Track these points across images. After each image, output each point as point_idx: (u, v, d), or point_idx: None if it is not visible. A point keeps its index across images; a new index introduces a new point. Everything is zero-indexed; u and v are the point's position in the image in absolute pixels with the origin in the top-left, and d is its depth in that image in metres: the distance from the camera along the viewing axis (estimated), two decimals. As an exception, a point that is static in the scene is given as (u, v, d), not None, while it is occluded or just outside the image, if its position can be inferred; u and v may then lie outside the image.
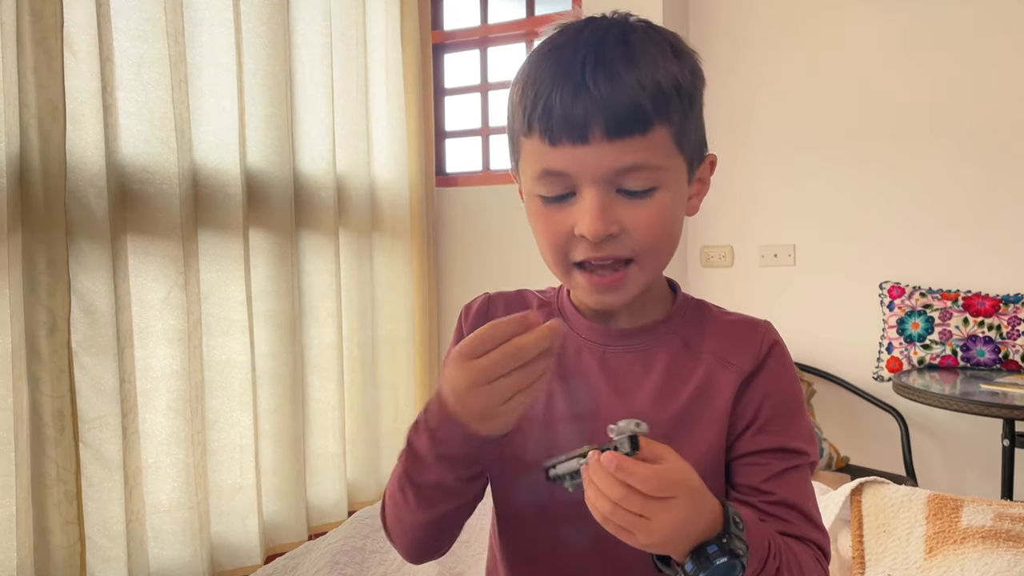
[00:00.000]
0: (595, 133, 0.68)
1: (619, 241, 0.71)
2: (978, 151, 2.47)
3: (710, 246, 2.88)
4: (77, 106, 1.69)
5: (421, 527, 0.77)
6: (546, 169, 0.72)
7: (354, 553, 1.33)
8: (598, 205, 0.70)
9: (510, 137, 0.79)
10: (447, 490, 0.73)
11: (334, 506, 2.44)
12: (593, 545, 0.78)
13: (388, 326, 2.76)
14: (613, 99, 0.68)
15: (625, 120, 0.68)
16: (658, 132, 0.70)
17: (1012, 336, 2.31)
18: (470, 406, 0.65)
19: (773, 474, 0.77)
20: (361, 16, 2.61)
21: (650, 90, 0.69)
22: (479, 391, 0.64)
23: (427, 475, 0.72)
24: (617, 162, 0.69)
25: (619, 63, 0.69)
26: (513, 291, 0.89)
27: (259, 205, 2.19)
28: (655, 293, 0.83)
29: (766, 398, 0.79)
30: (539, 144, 0.71)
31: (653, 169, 0.70)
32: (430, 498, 0.74)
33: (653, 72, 0.70)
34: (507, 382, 0.63)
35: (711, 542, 0.63)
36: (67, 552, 1.65)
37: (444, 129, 3.22)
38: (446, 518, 0.77)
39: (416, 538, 0.79)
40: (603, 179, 0.70)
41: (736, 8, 2.81)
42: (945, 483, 2.52)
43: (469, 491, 0.75)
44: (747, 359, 0.79)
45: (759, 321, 0.84)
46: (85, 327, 1.72)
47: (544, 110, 0.70)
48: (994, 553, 1.15)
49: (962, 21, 2.48)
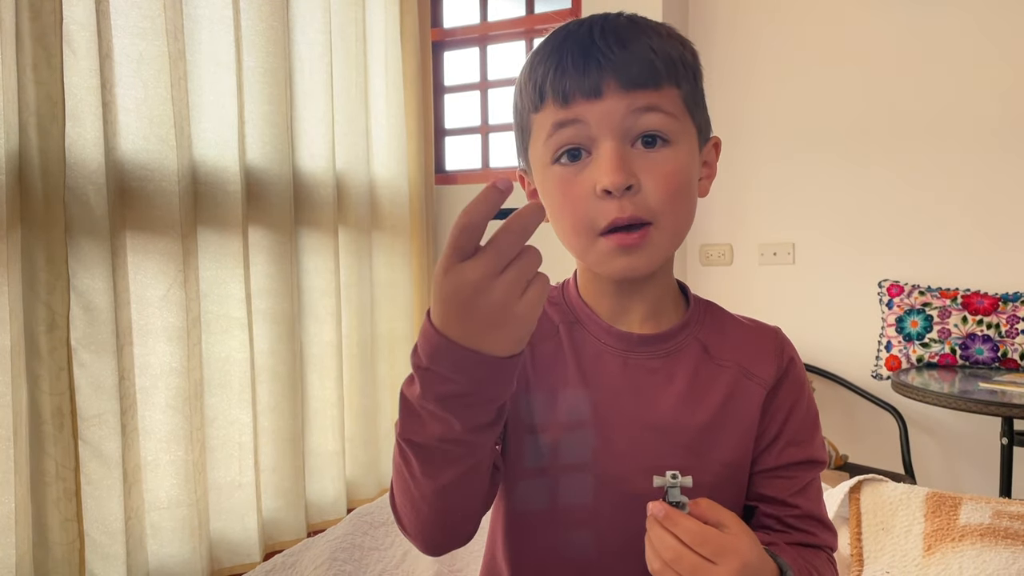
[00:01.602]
0: (609, 87, 0.69)
1: (639, 198, 0.70)
2: (977, 150, 2.48)
3: (709, 244, 2.88)
4: (76, 103, 1.69)
5: (431, 500, 0.67)
6: (557, 121, 0.72)
7: (353, 550, 1.33)
8: (616, 155, 0.70)
9: (519, 126, 0.79)
10: (455, 443, 0.63)
11: (333, 504, 2.44)
12: (601, 549, 0.77)
13: (387, 324, 2.76)
14: (625, 57, 0.69)
15: (638, 74, 0.70)
16: (669, 90, 0.72)
17: (1011, 334, 2.32)
18: (478, 316, 0.55)
19: (800, 488, 0.79)
20: (360, 13, 2.61)
21: (660, 54, 0.71)
22: (488, 291, 0.54)
23: (429, 428, 0.62)
24: (632, 105, 0.70)
25: (626, 31, 0.71)
26: None
27: (258, 203, 2.19)
28: (668, 294, 0.82)
29: (792, 411, 0.80)
30: (552, 109, 0.72)
31: (667, 115, 0.71)
32: (435, 459, 0.64)
33: (660, 42, 0.72)
34: (517, 268, 0.55)
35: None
36: (66, 549, 1.65)
37: (443, 127, 3.22)
38: (458, 486, 0.67)
39: (428, 518, 0.69)
40: (619, 128, 0.70)
41: (736, 8, 2.81)
42: (943, 481, 2.53)
43: (479, 446, 0.65)
44: (769, 370, 0.80)
45: (773, 329, 0.85)
46: (84, 324, 1.72)
47: (556, 75, 0.71)
48: (992, 551, 1.15)
49: (962, 21, 2.48)
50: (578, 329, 0.81)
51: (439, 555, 0.76)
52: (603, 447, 0.76)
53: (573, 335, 0.81)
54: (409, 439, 0.64)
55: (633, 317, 0.80)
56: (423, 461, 0.65)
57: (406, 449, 0.65)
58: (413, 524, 0.72)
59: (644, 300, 0.80)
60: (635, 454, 0.76)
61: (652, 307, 0.80)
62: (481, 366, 0.57)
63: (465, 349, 0.57)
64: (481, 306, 0.55)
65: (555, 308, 0.83)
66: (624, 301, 0.80)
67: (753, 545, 0.63)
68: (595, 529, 0.77)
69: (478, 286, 0.54)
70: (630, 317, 0.80)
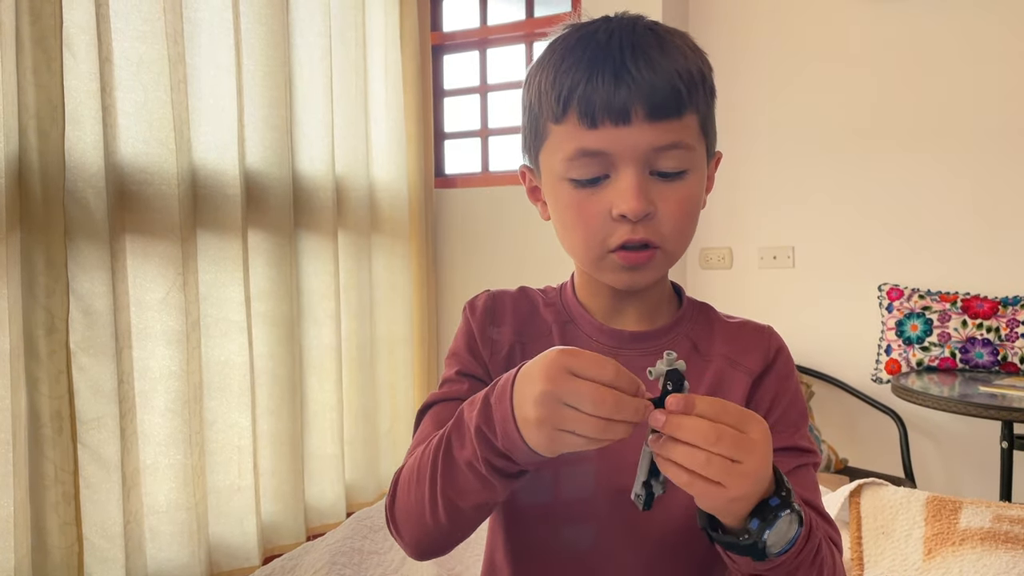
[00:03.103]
0: (637, 115, 0.70)
1: (652, 224, 0.72)
2: (977, 153, 2.48)
3: (709, 248, 2.88)
4: (76, 106, 1.69)
5: (445, 513, 0.69)
6: (583, 148, 0.72)
7: (352, 554, 1.33)
8: (637, 183, 0.71)
9: (532, 127, 0.79)
10: (477, 474, 0.66)
11: (332, 507, 2.44)
12: (600, 542, 0.78)
13: (387, 327, 2.76)
14: (654, 83, 0.70)
15: (663, 103, 0.70)
16: (690, 117, 0.73)
17: (1011, 338, 2.31)
18: (530, 406, 0.59)
19: (787, 471, 0.77)
20: (360, 17, 2.61)
21: (684, 77, 0.71)
22: (552, 406, 0.58)
23: (465, 449, 0.66)
24: (657, 141, 0.71)
25: (654, 51, 0.71)
26: (515, 289, 0.89)
27: (258, 206, 2.19)
28: (663, 296, 0.84)
29: (776, 399, 0.80)
30: (576, 127, 0.72)
31: (687, 150, 0.72)
32: (459, 480, 0.67)
33: (684, 61, 0.72)
34: (577, 417, 0.57)
35: (771, 496, 0.61)
36: (65, 553, 1.64)
37: (443, 130, 3.22)
38: (468, 514, 0.70)
39: (433, 527, 0.71)
40: (642, 158, 0.71)
41: (735, 11, 2.82)
42: (944, 485, 2.52)
43: (498, 488, 0.67)
44: (756, 361, 0.81)
45: (764, 326, 0.85)
46: (83, 327, 1.71)
47: (584, 93, 0.71)
48: (993, 555, 1.15)
49: (962, 24, 2.48)
50: (571, 328, 0.83)
51: (423, 559, 0.79)
52: (598, 462, 0.77)
53: (565, 334, 0.83)
54: (451, 450, 0.67)
55: (628, 317, 0.82)
56: (449, 476, 0.68)
57: (440, 458, 0.68)
58: (412, 531, 0.74)
59: (639, 302, 0.82)
60: (629, 447, 0.76)
61: (647, 308, 0.82)
62: (514, 438, 0.61)
63: (510, 415, 0.61)
64: (536, 404, 0.58)
65: (550, 309, 0.85)
66: (619, 303, 0.82)
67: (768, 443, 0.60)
68: (594, 523, 0.78)
69: (545, 391, 0.58)
70: (624, 317, 0.82)
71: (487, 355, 0.83)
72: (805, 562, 0.66)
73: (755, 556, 0.62)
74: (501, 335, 0.83)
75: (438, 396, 0.82)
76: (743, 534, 0.61)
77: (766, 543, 0.61)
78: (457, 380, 0.82)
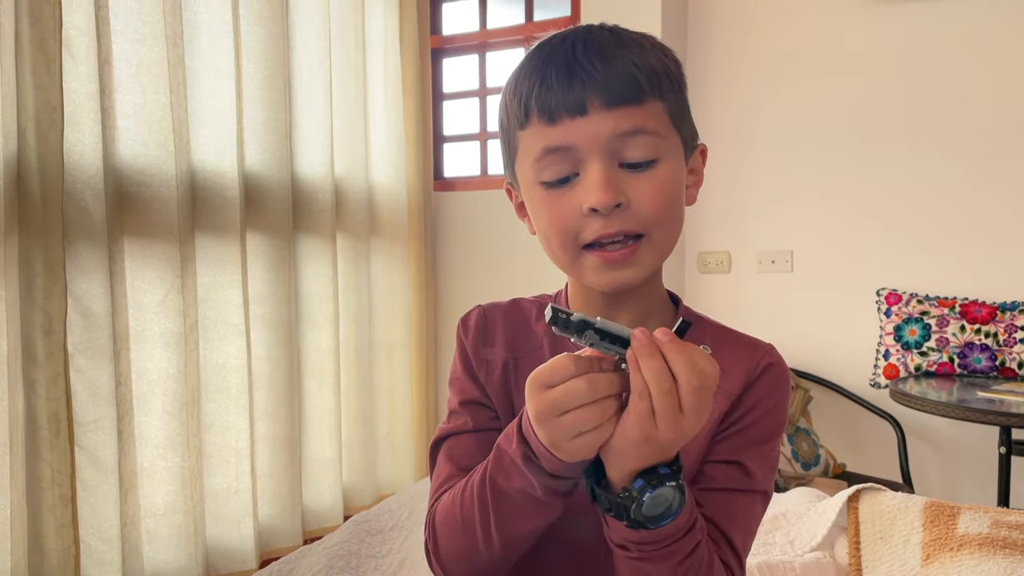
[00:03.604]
0: (593, 104, 0.69)
1: (627, 214, 0.71)
2: (976, 158, 2.48)
3: (707, 252, 2.88)
4: (75, 108, 1.69)
5: (501, 544, 0.72)
6: (547, 146, 0.72)
7: (350, 558, 1.33)
8: (603, 175, 0.70)
9: (505, 141, 0.79)
10: (533, 500, 0.69)
11: (330, 511, 2.44)
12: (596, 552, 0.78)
13: (385, 331, 2.76)
14: (608, 73, 0.70)
15: (621, 90, 0.70)
16: (653, 105, 0.72)
17: (1009, 343, 2.32)
18: (542, 434, 0.63)
19: (710, 488, 0.76)
20: (360, 20, 2.61)
21: (643, 67, 0.71)
22: (549, 422, 0.61)
23: (514, 480, 0.68)
24: (618, 127, 0.70)
25: (609, 46, 0.72)
26: (507, 301, 0.89)
27: (257, 209, 2.19)
28: (657, 301, 0.83)
29: (747, 412, 0.78)
30: (538, 127, 0.72)
31: (652, 135, 0.71)
32: (515, 510, 0.70)
33: (642, 54, 0.72)
34: (576, 416, 0.60)
35: (663, 464, 0.63)
36: (61, 556, 1.64)
37: (442, 133, 3.22)
38: (527, 537, 0.72)
39: (487, 560, 0.74)
40: (606, 149, 0.70)
41: (735, 15, 2.82)
42: (942, 490, 2.52)
43: (557, 506, 0.70)
44: (736, 382, 0.78)
45: (760, 343, 0.83)
46: (81, 330, 1.71)
47: (540, 92, 0.71)
48: (990, 560, 1.15)
49: (960, 30, 2.49)
50: (563, 340, 0.82)
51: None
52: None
53: (556, 346, 0.82)
54: (496, 485, 0.70)
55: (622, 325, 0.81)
56: (501, 509, 0.70)
57: (487, 497, 0.71)
58: (466, 571, 0.76)
59: (632, 311, 0.80)
60: None
61: (640, 316, 0.80)
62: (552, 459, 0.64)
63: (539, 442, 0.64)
64: (542, 430, 0.62)
65: (543, 321, 0.84)
66: (612, 312, 0.80)
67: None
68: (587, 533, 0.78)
69: (539, 415, 0.62)
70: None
71: (483, 376, 0.84)
72: (678, 552, 0.66)
73: (628, 520, 0.63)
74: (493, 355, 0.84)
75: (447, 431, 0.84)
76: (624, 491, 0.63)
77: (643, 506, 0.62)
78: (461, 412, 0.84)
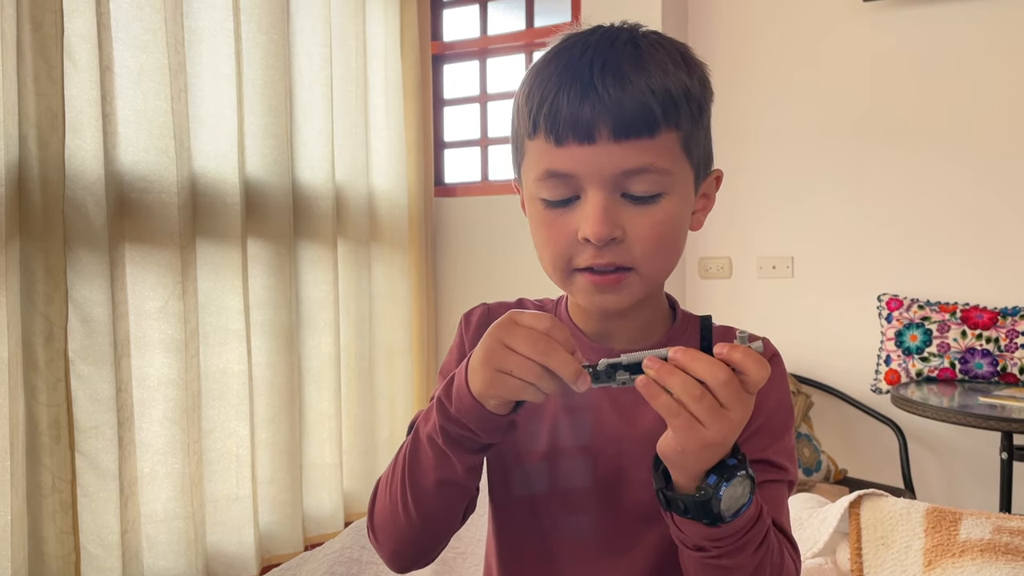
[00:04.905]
0: (602, 133, 0.67)
1: (622, 248, 0.70)
2: (977, 164, 2.48)
3: (708, 257, 2.88)
4: (76, 115, 1.69)
5: (413, 500, 0.72)
6: (550, 170, 0.70)
7: (351, 564, 1.32)
8: (602, 208, 0.68)
9: (514, 141, 0.79)
10: (436, 447, 0.70)
11: (330, 516, 2.43)
12: (592, 563, 0.78)
13: (386, 336, 2.76)
14: (621, 100, 0.67)
15: (632, 121, 0.67)
16: (666, 136, 0.69)
17: (1010, 349, 2.31)
18: (478, 353, 0.65)
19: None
20: (361, 26, 2.62)
21: (660, 94, 0.68)
22: (491, 344, 0.63)
23: (428, 424, 0.70)
24: (623, 164, 0.68)
25: (628, 66, 0.68)
26: (512, 301, 0.89)
27: (257, 215, 2.19)
28: (656, 312, 0.82)
29: (757, 411, 0.78)
30: (544, 145, 0.70)
31: (660, 173, 0.69)
32: (422, 456, 0.71)
33: (663, 77, 0.69)
34: (515, 358, 0.62)
35: (730, 456, 0.63)
36: (62, 562, 1.64)
37: (443, 139, 3.22)
38: (431, 497, 0.73)
39: (405, 523, 0.74)
40: (609, 181, 0.69)
41: (735, 20, 2.83)
42: (943, 496, 2.52)
43: (456, 460, 0.71)
44: None
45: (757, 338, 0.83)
46: (82, 336, 1.71)
47: (550, 110, 0.69)
48: (993, 566, 1.14)
49: (962, 34, 2.49)
50: None
51: (404, 572, 0.81)
52: (588, 464, 0.78)
53: None
54: (430, 435, 0.71)
55: (620, 337, 0.80)
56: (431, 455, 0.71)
57: (420, 443, 0.72)
58: (389, 536, 0.77)
59: (631, 321, 0.80)
60: (619, 468, 0.77)
61: (638, 326, 0.80)
62: (475, 407, 0.66)
63: (467, 385, 0.65)
64: (487, 357, 0.64)
65: None
66: (610, 324, 0.80)
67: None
68: (585, 543, 0.78)
69: (498, 339, 0.64)
70: (617, 337, 0.81)
71: None
72: (753, 541, 0.66)
73: (708, 518, 0.63)
74: None
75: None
76: (700, 490, 0.63)
77: (721, 500, 0.62)
78: None
